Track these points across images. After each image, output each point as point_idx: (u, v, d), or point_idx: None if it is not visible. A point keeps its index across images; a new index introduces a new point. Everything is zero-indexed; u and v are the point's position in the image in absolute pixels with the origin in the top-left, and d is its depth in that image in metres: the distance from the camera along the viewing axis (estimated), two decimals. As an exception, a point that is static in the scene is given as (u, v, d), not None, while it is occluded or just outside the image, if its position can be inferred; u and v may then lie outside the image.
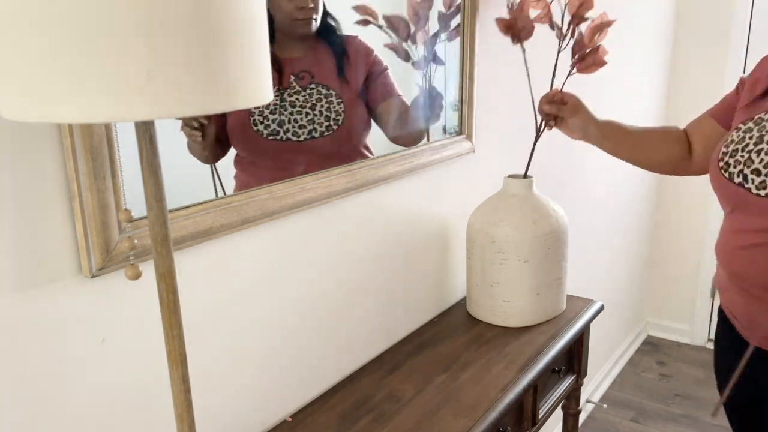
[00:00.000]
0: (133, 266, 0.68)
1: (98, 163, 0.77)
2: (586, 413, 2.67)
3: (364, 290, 1.30)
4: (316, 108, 1.12)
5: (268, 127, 1.07)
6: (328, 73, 1.16)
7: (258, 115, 1.06)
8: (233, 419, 1.06)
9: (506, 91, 1.68)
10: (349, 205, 1.22)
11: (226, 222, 0.95)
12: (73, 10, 0.47)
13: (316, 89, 1.12)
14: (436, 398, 1.17)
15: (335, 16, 1.14)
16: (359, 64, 1.21)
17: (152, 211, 0.63)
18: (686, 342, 3.28)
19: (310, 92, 1.12)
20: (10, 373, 0.75)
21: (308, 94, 1.12)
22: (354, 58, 1.20)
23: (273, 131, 1.07)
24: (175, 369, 0.67)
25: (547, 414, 1.39)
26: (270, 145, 1.08)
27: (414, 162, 1.35)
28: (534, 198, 1.44)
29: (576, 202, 2.26)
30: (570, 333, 1.42)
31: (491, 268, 1.42)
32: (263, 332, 1.08)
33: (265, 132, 1.07)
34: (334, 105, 1.15)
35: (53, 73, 0.48)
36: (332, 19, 1.15)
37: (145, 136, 0.60)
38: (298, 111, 1.10)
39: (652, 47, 2.78)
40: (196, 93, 0.51)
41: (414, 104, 1.37)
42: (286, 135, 1.09)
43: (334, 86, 1.15)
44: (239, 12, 0.53)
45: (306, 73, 1.12)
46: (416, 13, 1.33)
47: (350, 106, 1.18)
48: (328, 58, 1.16)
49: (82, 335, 0.82)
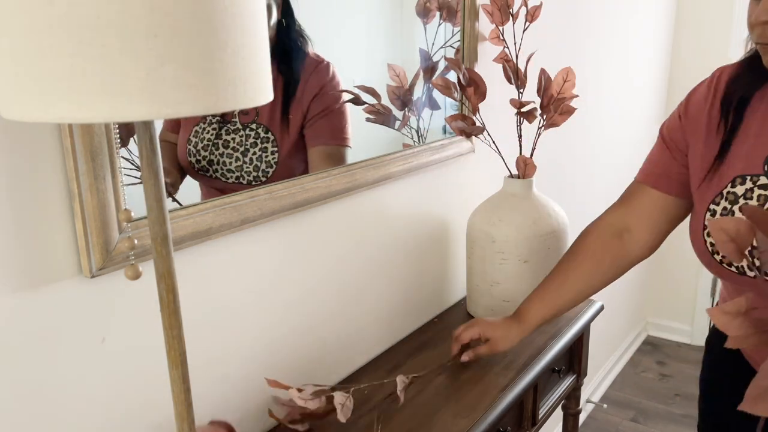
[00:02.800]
0: (133, 266, 0.68)
1: (98, 163, 0.77)
2: (586, 413, 2.67)
3: (363, 290, 1.30)
4: (247, 155, 1.03)
5: (199, 162, 1.02)
6: (272, 112, 1.05)
7: (193, 146, 1.02)
8: (233, 419, 1.06)
9: (506, 91, 1.68)
10: (349, 205, 1.22)
11: (226, 222, 0.95)
12: (73, 10, 0.47)
13: (255, 131, 1.03)
14: (436, 398, 1.17)
15: (305, 33, 1.03)
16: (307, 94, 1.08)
17: (152, 211, 0.63)
18: (686, 342, 3.28)
19: (248, 133, 1.03)
20: (10, 373, 0.75)
21: (245, 135, 1.03)
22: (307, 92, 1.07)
23: (203, 167, 1.03)
24: (175, 369, 0.67)
25: (547, 414, 1.39)
26: (199, 177, 1.04)
27: (414, 162, 1.35)
28: (534, 198, 1.44)
29: (576, 202, 2.26)
30: (570, 333, 1.42)
31: (491, 268, 1.42)
32: (263, 332, 1.08)
33: (197, 166, 1.03)
34: (268, 154, 1.04)
35: (53, 73, 0.48)
36: (301, 36, 1.03)
37: (145, 136, 0.60)
38: (229, 154, 1.02)
39: (652, 47, 2.78)
40: (196, 93, 0.51)
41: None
42: (215, 174, 1.03)
43: (274, 129, 1.04)
44: (239, 12, 0.53)
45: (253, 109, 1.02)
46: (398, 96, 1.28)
47: (286, 156, 1.06)
48: (278, 89, 1.03)
49: (82, 335, 0.82)
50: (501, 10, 1.43)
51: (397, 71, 1.28)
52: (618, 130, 2.55)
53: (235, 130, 1.02)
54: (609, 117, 2.43)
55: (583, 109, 2.09)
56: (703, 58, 2.92)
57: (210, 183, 1.04)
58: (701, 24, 2.91)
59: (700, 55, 2.93)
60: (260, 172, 1.04)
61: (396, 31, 1.33)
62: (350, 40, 1.22)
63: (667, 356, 3.17)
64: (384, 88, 1.26)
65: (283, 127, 1.05)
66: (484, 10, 1.45)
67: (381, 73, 1.26)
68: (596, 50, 2.22)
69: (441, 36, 1.40)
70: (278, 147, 1.04)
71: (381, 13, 1.28)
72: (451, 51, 1.44)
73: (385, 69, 1.27)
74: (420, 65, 1.36)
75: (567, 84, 1.39)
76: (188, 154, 1.01)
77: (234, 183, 1.03)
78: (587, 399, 2.62)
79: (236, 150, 1.02)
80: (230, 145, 1.02)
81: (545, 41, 1.71)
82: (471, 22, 1.45)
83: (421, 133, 1.39)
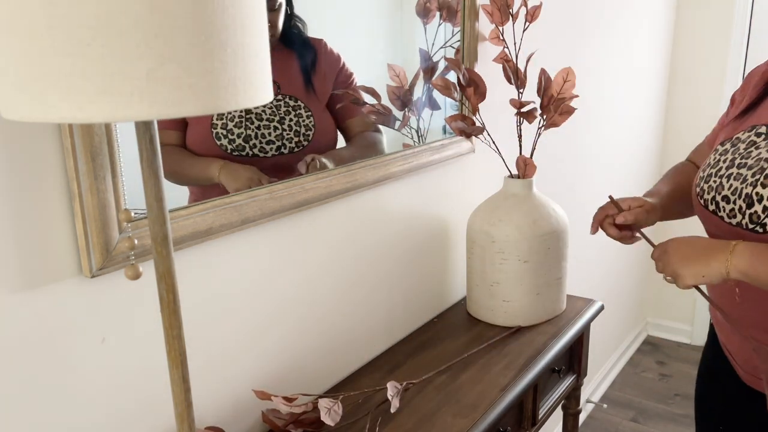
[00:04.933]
0: (133, 266, 0.68)
1: (98, 163, 0.77)
2: (586, 413, 2.67)
3: (363, 290, 1.30)
4: (285, 122, 1.04)
5: (233, 142, 1.00)
6: (295, 83, 1.07)
7: (221, 128, 0.99)
8: (232, 419, 1.06)
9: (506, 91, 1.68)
10: (349, 205, 1.22)
11: (226, 222, 0.95)
12: (73, 10, 0.47)
13: (283, 101, 1.05)
14: (436, 398, 1.17)
15: (302, 18, 1.06)
16: (328, 72, 1.12)
17: (152, 211, 0.63)
18: (686, 342, 3.27)
19: (277, 104, 1.04)
20: (10, 373, 0.75)
21: (275, 106, 1.04)
22: (322, 66, 1.11)
23: (238, 146, 1.00)
24: (175, 369, 0.67)
25: (547, 414, 1.39)
26: (234, 159, 1.01)
27: (414, 162, 1.35)
28: (534, 198, 1.44)
29: (576, 201, 2.26)
30: (570, 333, 1.42)
31: (491, 268, 1.42)
32: (263, 332, 1.08)
33: (230, 147, 1.00)
34: (304, 119, 1.06)
35: (53, 73, 0.48)
36: (299, 21, 1.07)
37: (145, 136, 0.60)
38: (266, 125, 1.02)
39: (652, 47, 2.78)
40: (196, 93, 0.51)
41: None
42: (253, 151, 1.01)
43: (301, 97, 1.07)
44: (239, 12, 0.53)
45: (273, 82, 1.03)
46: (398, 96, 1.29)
47: (319, 120, 1.09)
48: (295, 66, 1.08)
49: (82, 335, 0.82)
50: (501, 10, 1.43)
51: (397, 71, 1.28)
52: (618, 130, 2.55)
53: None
54: (609, 117, 2.43)
55: (583, 109, 2.09)
56: (703, 58, 2.92)
57: (247, 162, 1.01)
58: (701, 23, 2.90)
59: (700, 54, 2.93)
60: (301, 137, 1.06)
61: (396, 31, 1.33)
62: (350, 40, 1.22)
63: (667, 356, 3.17)
64: (384, 88, 1.26)
65: (309, 95, 1.08)
66: (484, 10, 1.45)
67: (381, 73, 1.26)
68: (596, 50, 2.22)
69: (441, 36, 1.40)
70: (311, 112, 1.07)
71: (381, 13, 1.28)
72: (451, 51, 1.44)
73: (385, 69, 1.27)
74: (420, 65, 1.36)
75: (567, 84, 1.39)
76: (216, 138, 0.99)
77: (274, 155, 1.03)
78: (587, 399, 2.62)
79: (272, 120, 1.02)
80: (264, 117, 1.02)
81: (545, 41, 1.71)
82: (471, 22, 1.45)
83: (421, 133, 1.39)
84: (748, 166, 1.01)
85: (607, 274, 2.69)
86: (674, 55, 3.00)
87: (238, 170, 1.01)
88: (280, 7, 1.03)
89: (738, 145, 1.05)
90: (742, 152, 1.03)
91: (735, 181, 1.01)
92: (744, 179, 1.00)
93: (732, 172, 1.02)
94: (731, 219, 1.01)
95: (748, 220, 0.99)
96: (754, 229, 0.98)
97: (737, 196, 1.00)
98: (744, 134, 1.06)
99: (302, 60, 1.08)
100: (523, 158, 1.42)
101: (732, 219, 1.01)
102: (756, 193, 0.97)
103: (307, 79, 1.09)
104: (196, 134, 0.99)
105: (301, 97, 1.07)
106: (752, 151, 1.02)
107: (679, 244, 1.04)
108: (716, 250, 0.98)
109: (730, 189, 1.02)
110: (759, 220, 0.98)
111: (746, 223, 0.99)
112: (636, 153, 2.80)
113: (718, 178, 1.04)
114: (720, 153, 1.08)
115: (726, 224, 1.03)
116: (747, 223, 0.99)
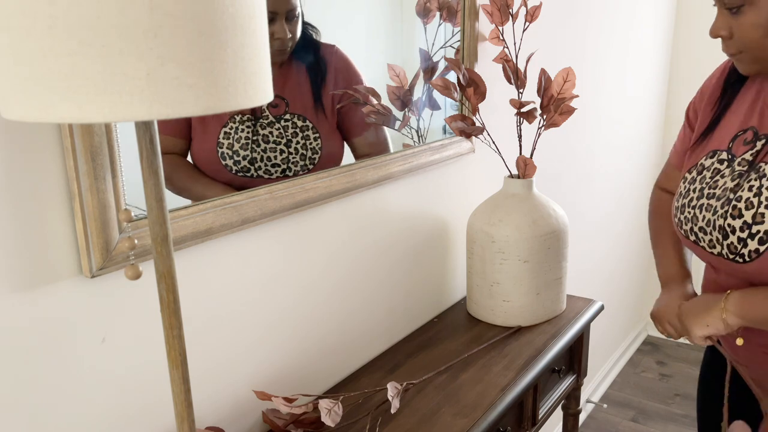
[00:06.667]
0: (133, 266, 0.68)
1: (98, 163, 0.77)
2: (586, 413, 2.67)
3: (363, 290, 1.30)
4: (291, 145, 1.02)
5: (238, 164, 0.98)
6: (304, 101, 1.05)
7: (227, 148, 0.98)
8: (232, 419, 1.06)
9: (506, 91, 1.68)
10: (349, 205, 1.22)
11: (226, 222, 0.95)
12: (73, 10, 0.47)
13: (291, 121, 1.02)
14: (436, 398, 1.17)
15: (314, 24, 1.03)
16: (338, 83, 1.09)
17: (152, 211, 0.63)
18: (686, 342, 3.27)
19: (285, 125, 1.01)
20: (11, 373, 0.75)
21: (283, 127, 1.01)
22: (332, 78, 1.08)
23: (243, 168, 0.98)
24: (176, 369, 0.67)
25: (547, 414, 1.39)
26: (237, 181, 1.00)
27: (414, 162, 1.35)
28: (534, 198, 1.44)
29: (576, 202, 2.26)
30: (570, 333, 1.42)
31: (491, 268, 1.42)
32: (263, 332, 1.08)
33: (234, 168, 0.98)
34: (311, 141, 1.04)
35: (53, 73, 0.48)
36: (312, 28, 1.03)
37: (146, 136, 0.60)
38: (272, 148, 1.00)
39: (652, 46, 2.78)
40: (196, 93, 0.51)
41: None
42: (258, 173, 1.00)
43: (310, 117, 1.04)
44: (239, 12, 0.53)
45: (280, 99, 1.00)
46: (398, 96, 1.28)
47: (327, 141, 1.07)
48: (304, 80, 1.05)
49: (82, 335, 0.82)
50: (501, 10, 1.43)
51: (397, 71, 1.28)
52: (618, 130, 2.55)
53: (270, 123, 1.00)
54: (609, 117, 2.43)
55: (583, 109, 2.09)
56: (702, 57, 2.92)
57: (246, 186, 0.99)
58: (701, 23, 2.90)
59: (700, 54, 2.92)
60: (307, 161, 1.04)
61: (396, 31, 1.33)
62: (350, 40, 1.22)
63: (667, 356, 3.17)
64: (384, 88, 1.26)
65: (318, 114, 1.05)
66: (484, 10, 1.45)
67: (381, 73, 1.27)
68: (596, 50, 2.22)
69: (441, 36, 1.40)
70: (319, 133, 1.05)
71: (381, 13, 1.28)
72: (451, 51, 1.44)
73: (385, 69, 1.27)
74: (420, 65, 1.36)
75: (567, 84, 1.39)
76: (222, 158, 0.97)
77: (278, 178, 1.02)
78: (587, 399, 2.62)
79: (278, 143, 1.00)
80: (270, 139, 1.00)
81: (545, 41, 1.71)
82: (471, 22, 1.45)
83: (421, 133, 1.39)
84: (716, 196, 1.02)
85: (607, 274, 2.69)
86: (674, 55, 3.00)
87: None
88: (299, 17, 1.00)
89: (704, 173, 1.07)
90: (708, 182, 1.05)
91: (707, 212, 1.03)
92: (714, 210, 1.02)
93: (703, 203, 1.04)
94: (712, 249, 1.04)
95: (727, 250, 1.01)
96: (734, 260, 1.01)
97: (712, 227, 1.02)
98: (707, 160, 1.07)
99: (312, 72, 1.06)
100: (523, 158, 1.43)
101: (713, 249, 1.04)
102: (728, 224, 1.00)
103: (317, 97, 1.06)
104: (202, 151, 0.98)
105: (309, 116, 1.05)
106: (718, 180, 1.04)
107: (687, 305, 1.09)
108: (714, 300, 1.03)
109: (704, 220, 1.04)
110: (737, 251, 1.00)
111: (726, 254, 1.02)
112: (636, 153, 2.80)
113: (692, 209, 1.06)
114: (689, 182, 1.09)
115: (708, 254, 1.05)
116: (727, 253, 1.02)
